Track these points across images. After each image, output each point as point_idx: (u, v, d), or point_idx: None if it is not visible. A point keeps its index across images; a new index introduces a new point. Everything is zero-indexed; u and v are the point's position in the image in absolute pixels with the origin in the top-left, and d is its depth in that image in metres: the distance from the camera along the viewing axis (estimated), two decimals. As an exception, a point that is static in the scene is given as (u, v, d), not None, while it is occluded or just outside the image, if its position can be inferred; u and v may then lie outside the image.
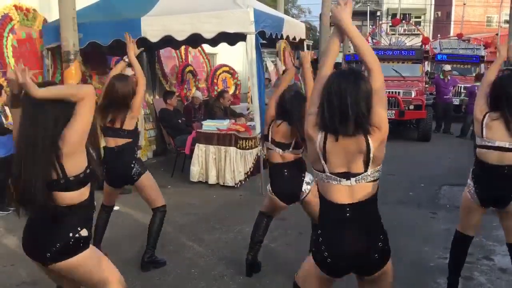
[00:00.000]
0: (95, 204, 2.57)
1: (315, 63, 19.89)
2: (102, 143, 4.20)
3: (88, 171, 2.32)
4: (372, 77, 2.21)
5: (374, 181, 2.23)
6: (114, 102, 3.93)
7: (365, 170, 2.18)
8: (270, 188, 3.84)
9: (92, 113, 2.30)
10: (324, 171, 2.20)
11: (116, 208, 4.98)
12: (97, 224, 4.12)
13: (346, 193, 2.19)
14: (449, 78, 12.53)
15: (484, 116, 3.27)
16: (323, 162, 2.18)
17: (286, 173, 3.74)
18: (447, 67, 12.88)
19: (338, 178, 2.18)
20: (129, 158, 4.06)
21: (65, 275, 2.42)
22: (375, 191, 2.26)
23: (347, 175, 2.18)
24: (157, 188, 4.21)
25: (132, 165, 4.03)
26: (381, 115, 2.14)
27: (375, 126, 2.11)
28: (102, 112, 3.96)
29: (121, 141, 4.03)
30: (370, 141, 2.11)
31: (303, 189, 3.76)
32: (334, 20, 2.33)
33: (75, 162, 2.27)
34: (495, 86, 3.30)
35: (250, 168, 7.16)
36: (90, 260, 2.39)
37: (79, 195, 2.32)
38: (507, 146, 3.18)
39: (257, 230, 4.02)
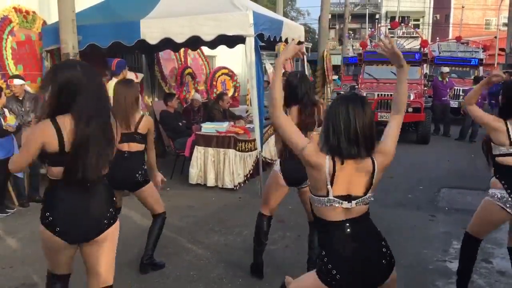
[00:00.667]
0: None
1: (313, 65, 19.76)
2: None
3: None
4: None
5: (368, 203, 2.33)
6: (124, 108, 3.90)
7: (365, 194, 2.27)
8: (279, 167, 3.82)
9: None
10: (327, 195, 2.23)
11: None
12: None
13: (343, 212, 2.26)
14: (447, 79, 12.56)
15: (506, 124, 3.27)
16: (329, 186, 2.22)
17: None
18: (445, 69, 12.91)
19: (341, 201, 2.23)
20: (137, 166, 4.02)
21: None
22: (368, 209, 2.36)
23: (348, 198, 2.24)
24: (157, 196, 4.18)
25: (137, 175, 3.98)
26: (391, 145, 2.33)
27: (382, 152, 2.25)
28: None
29: (134, 147, 4.00)
30: (376, 165, 2.22)
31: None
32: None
33: None
34: (508, 91, 3.32)
35: (250, 171, 7.16)
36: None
37: None
38: None
39: (260, 234, 4.02)
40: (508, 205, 3.31)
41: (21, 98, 6.20)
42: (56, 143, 2.37)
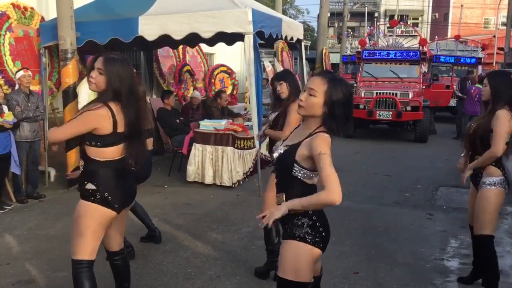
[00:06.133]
0: None
1: (312, 63, 19.78)
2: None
3: None
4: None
5: None
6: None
7: None
8: None
9: None
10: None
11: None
12: None
13: None
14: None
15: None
16: None
17: None
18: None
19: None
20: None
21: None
22: None
23: None
24: None
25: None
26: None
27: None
28: None
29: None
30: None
31: None
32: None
33: None
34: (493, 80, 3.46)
35: (250, 168, 7.15)
36: None
37: None
38: None
39: (270, 236, 4.01)
40: (506, 186, 3.52)
41: (28, 92, 6.19)
42: (111, 125, 2.70)
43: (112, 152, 2.76)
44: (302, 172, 2.34)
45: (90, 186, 2.77)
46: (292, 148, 2.37)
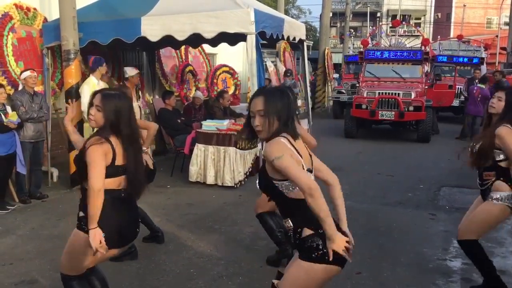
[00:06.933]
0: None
1: (314, 63, 19.79)
2: None
3: None
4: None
5: None
6: None
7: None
8: None
9: None
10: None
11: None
12: None
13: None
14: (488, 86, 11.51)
15: None
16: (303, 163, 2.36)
17: None
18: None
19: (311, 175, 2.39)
20: None
21: None
22: None
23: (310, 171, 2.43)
24: None
25: None
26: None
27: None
28: None
29: None
30: None
31: None
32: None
33: None
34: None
35: (249, 168, 7.16)
36: None
37: None
38: None
39: (272, 231, 4.06)
40: None
41: (32, 93, 6.21)
42: (110, 158, 2.76)
43: (109, 183, 2.77)
44: (282, 185, 2.32)
45: (81, 214, 2.82)
46: (263, 168, 2.39)
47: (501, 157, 3.46)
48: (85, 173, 2.71)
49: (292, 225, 2.36)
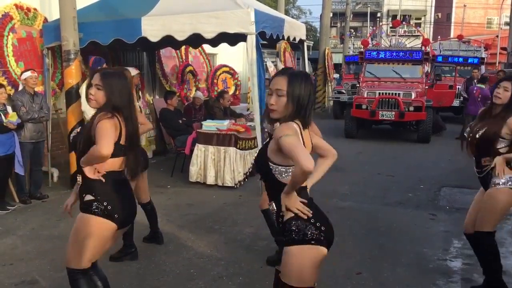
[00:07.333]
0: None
1: (314, 63, 19.78)
2: None
3: None
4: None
5: None
6: None
7: None
8: None
9: None
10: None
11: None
12: None
13: None
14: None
15: None
16: None
17: None
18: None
19: None
20: None
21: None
22: None
23: None
24: None
25: None
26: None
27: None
28: None
29: None
30: None
31: None
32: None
33: None
34: None
35: (249, 168, 7.16)
36: None
37: None
38: None
39: (274, 227, 4.05)
40: None
41: (32, 93, 6.21)
42: (117, 136, 2.73)
43: (113, 164, 2.76)
44: (277, 169, 2.32)
45: (88, 197, 2.77)
46: (264, 146, 2.39)
47: (503, 145, 3.42)
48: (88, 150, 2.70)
49: (275, 208, 2.39)
